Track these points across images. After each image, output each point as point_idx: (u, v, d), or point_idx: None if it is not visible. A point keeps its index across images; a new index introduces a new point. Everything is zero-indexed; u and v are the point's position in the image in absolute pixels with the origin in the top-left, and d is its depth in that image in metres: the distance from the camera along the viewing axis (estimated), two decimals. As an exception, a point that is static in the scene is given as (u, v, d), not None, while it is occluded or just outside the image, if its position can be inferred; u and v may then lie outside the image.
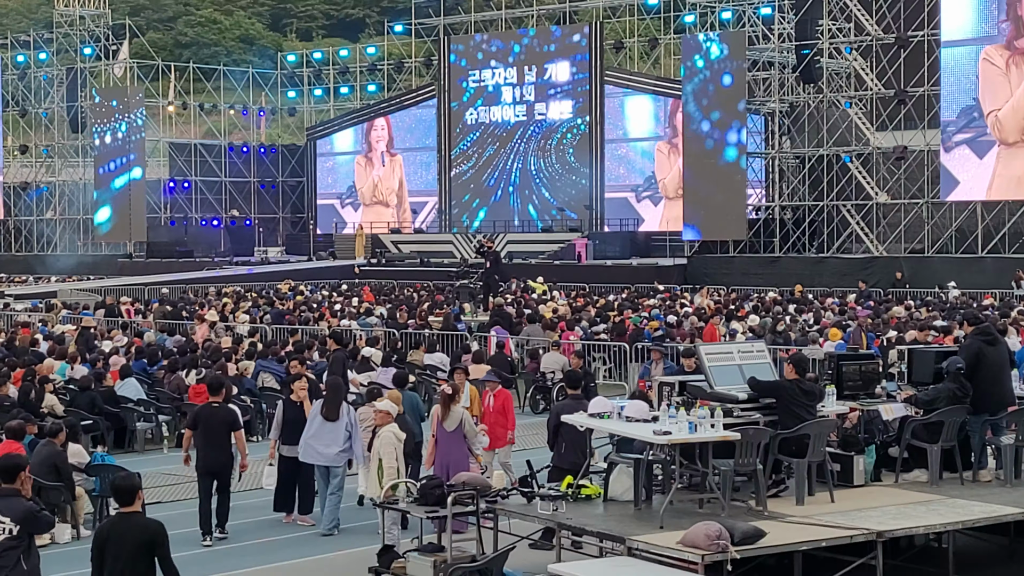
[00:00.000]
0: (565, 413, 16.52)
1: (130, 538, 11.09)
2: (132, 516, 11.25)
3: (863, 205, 56.35)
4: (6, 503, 11.51)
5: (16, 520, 11.43)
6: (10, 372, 24.96)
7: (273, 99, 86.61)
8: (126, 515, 11.27)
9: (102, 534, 11.34)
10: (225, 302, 43.89)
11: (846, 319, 34.23)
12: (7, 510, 11.46)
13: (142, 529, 11.19)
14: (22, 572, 11.42)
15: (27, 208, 79.27)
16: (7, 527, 11.39)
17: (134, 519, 11.25)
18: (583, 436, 16.37)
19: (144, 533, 11.15)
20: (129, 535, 11.10)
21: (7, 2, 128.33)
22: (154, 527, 11.24)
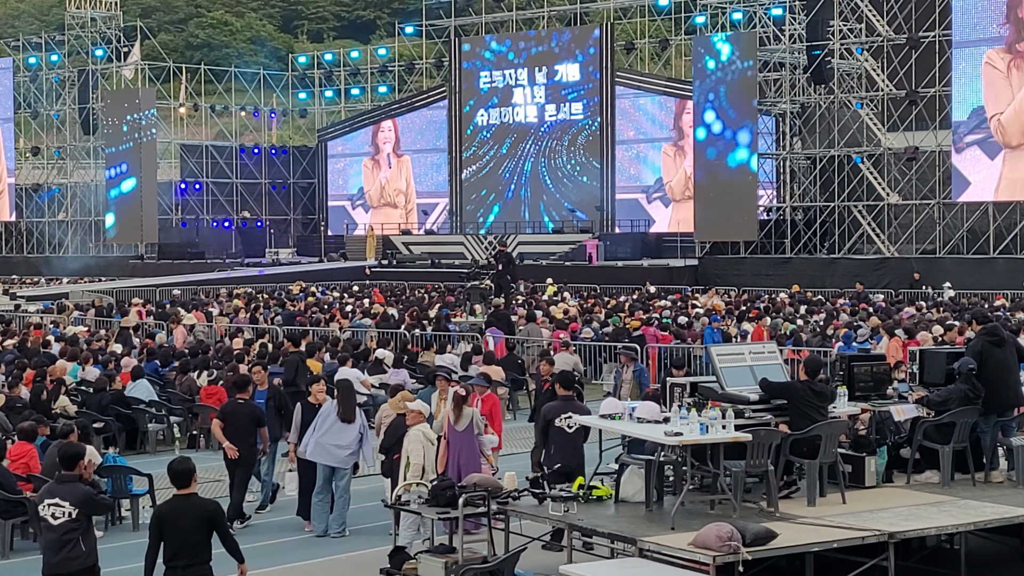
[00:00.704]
0: (553, 414, 16.55)
1: (188, 516, 12.04)
2: (189, 497, 12.19)
3: (874, 206, 56.28)
4: (68, 488, 12.57)
5: (76, 504, 12.46)
6: (22, 373, 25.04)
7: (284, 100, 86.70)
8: (183, 496, 12.19)
9: (161, 514, 12.24)
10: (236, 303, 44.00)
11: (857, 320, 34.18)
12: (68, 495, 12.49)
13: (200, 508, 12.18)
14: (81, 552, 12.45)
15: (39, 210, 79.39)
16: (67, 510, 12.41)
17: (191, 499, 12.20)
18: (572, 438, 16.40)
19: (202, 512, 12.14)
20: (187, 514, 12.05)
21: (19, 4, 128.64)
22: (212, 506, 12.35)
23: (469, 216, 73.66)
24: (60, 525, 12.44)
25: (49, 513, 12.50)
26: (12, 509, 17.38)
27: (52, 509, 12.51)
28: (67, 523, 12.44)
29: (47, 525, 12.52)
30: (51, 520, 12.48)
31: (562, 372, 18.68)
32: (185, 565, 11.97)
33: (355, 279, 61.04)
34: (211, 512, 12.24)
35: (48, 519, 12.50)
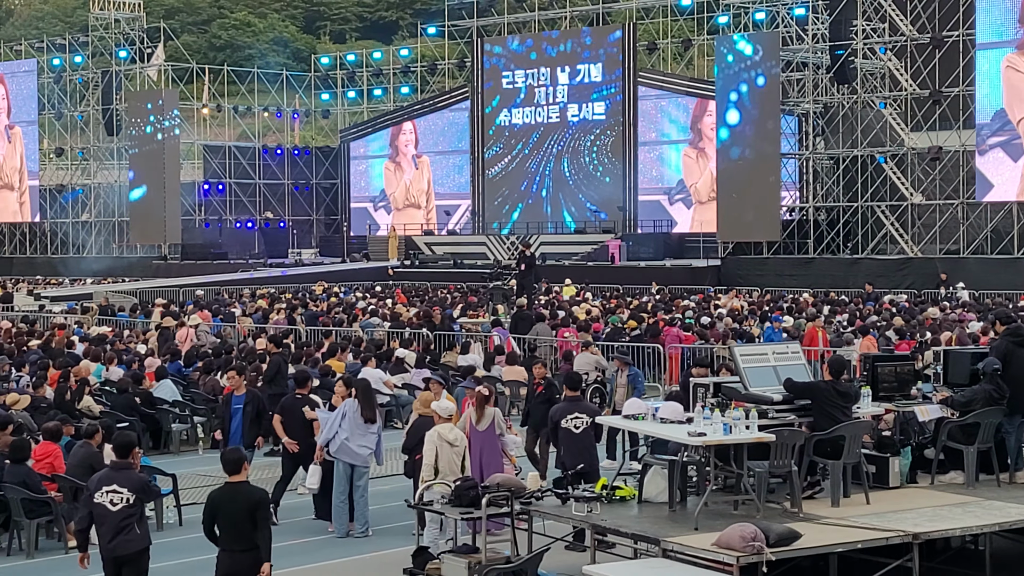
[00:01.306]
0: (559, 415, 16.58)
1: (239, 502, 12.77)
2: (239, 485, 12.91)
3: (898, 206, 56.13)
4: (124, 476, 13.39)
5: (133, 490, 13.28)
6: (46, 374, 25.12)
7: (307, 101, 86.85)
8: (234, 484, 12.93)
9: (214, 500, 13.01)
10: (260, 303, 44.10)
11: (880, 320, 34.11)
12: (125, 482, 13.31)
13: (247, 496, 12.84)
14: (136, 535, 13.24)
15: (62, 210, 79.66)
16: (125, 496, 13.21)
17: (241, 487, 12.90)
18: (580, 438, 16.44)
19: (249, 499, 12.81)
20: (238, 500, 12.79)
21: (43, 6, 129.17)
22: (259, 494, 12.97)
23: (491, 217, 73.65)
24: (119, 511, 13.16)
25: (108, 499, 13.19)
26: (37, 509, 17.45)
27: (110, 495, 13.21)
28: (125, 508, 13.17)
29: (105, 511, 13.17)
30: (109, 506, 13.18)
31: (568, 374, 18.69)
32: (241, 550, 12.70)
33: (378, 280, 61.12)
34: (256, 500, 12.85)
35: (107, 505, 13.18)
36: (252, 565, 12.68)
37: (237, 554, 12.69)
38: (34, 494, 17.39)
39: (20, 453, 17.76)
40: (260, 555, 12.73)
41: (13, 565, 17.07)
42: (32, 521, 17.40)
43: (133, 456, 13.84)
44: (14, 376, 25.84)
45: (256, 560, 12.70)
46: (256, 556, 12.71)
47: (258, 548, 12.72)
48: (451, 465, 16.13)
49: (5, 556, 17.47)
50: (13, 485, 17.40)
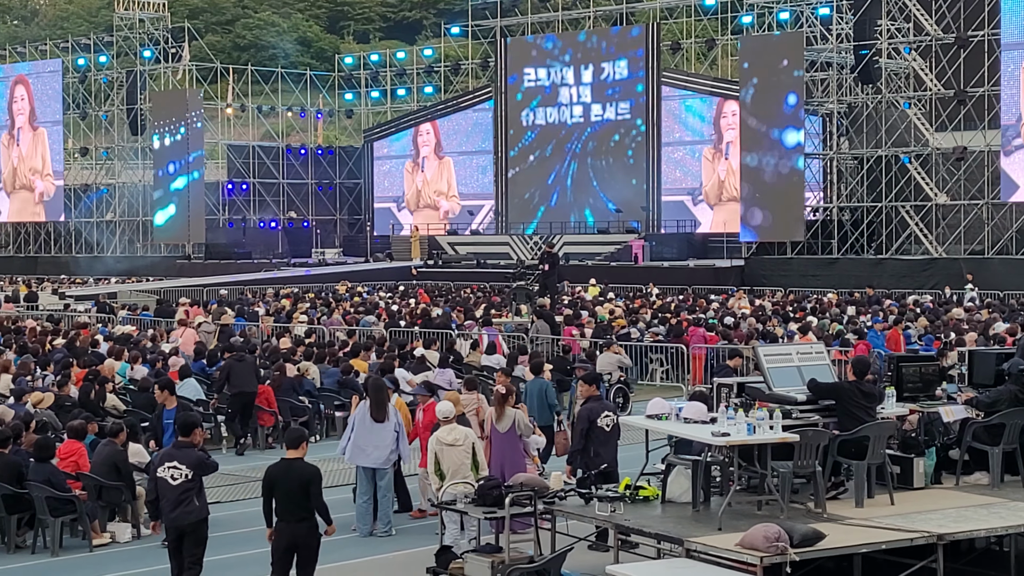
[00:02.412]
0: (594, 414, 16.57)
1: (294, 478, 13.87)
2: (295, 461, 14.03)
3: (922, 206, 55.97)
4: (184, 453, 14.33)
5: (191, 467, 14.22)
6: (71, 372, 25.20)
7: (330, 101, 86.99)
8: (290, 460, 14.07)
9: (272, 474, 14.05)
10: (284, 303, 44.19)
11: (905, 321, 34.02)
12: (184, 459, 14.26)
13: (301, 471, 13.93)
14: (195, 507, 14.24)
15: (87, 210, 79.92)
16: (184, 472, 14.16)
17: (297, 463, 14.00)
18: (611, 436, 16.49)
19: (303, 474, 13.91)
20: (293, 475, 13.87)
21: (68, 6, 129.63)
22: (312, 470, 14.04)
23: (514, 216, 73.66)
24: (178, 485, 14.15)
25: (168, 475, 14.20)
26: (62, 507, 17.50)
27: (171, 471, 14.21)
28: (184, 483, 14.15)
29: (166, 485, 14.18)
30: (170, 481, 14.18)
31: (589, 372, 18.68)
32: (297, 519, 13.85)
33: (401, 279, 61.19)
34: (310, 475, 13.94)
35: (168, 480, 14.18)
36: (308, 533, 13.88)
37: (293, 523, 13.82)
38: (59, 492, 17.45)
39: (45, 452, 17.83)
40: (315, 524, 13.93)
41: (38, 563, 17.14)
42: (57, 519, 17.46)
43: (194, 436, 14.62)
44: (39, 375, 25.91)
45: (311, 528, 13.90)
46: (311, 525, 13.90)
47: (313, 518, 13.89)
48: (456, 465, 16.10)
49: (30, 554, 17.53)
50: (38, 483, 17.46)
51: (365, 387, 19.97)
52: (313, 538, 14.01)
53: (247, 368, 25.41)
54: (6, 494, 17.48)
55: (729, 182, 65.05)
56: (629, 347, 32.20)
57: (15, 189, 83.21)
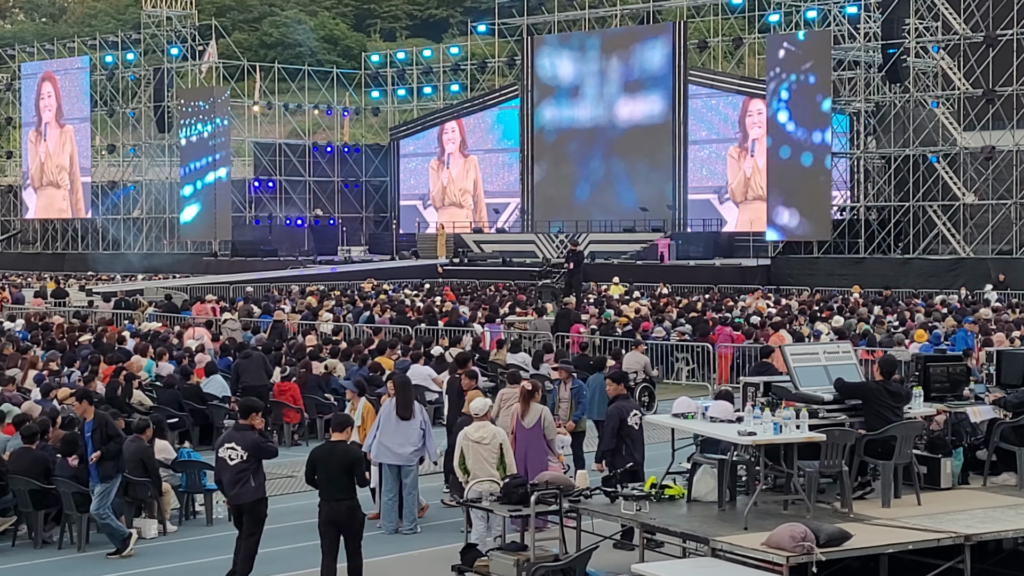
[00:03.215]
0: (624, 413, 16.56)
1: (336, 459, 14.59)
2: (339, 443, 14.83)
3: (950, 206, 55.78)
4: (241, 435, 15.06)
5: (246, 448, 14.92)
6: (97, 368, 25.27)
7: (357, 99, 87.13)
8: (335, 442, 14.86)
9: (316, 455, 14.81)
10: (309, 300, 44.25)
11: (932, 321, 33.90)
12: (241, 440, 14.98)
13: (345, 453, 14.72)
14: (251, 487, 14.95)
15: (114, 207, 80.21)
16: (240, 453, 14.88)
17: (340, 446, 14.80)
18: (641, 434, 16.51)
19: (346, 456, 14.68)
20: (336, 457, 14.61)
21: (96, 3, 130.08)
22: (355, 453, 15.01)
23: (540, 214, 73.65)
24: (235, 465, 14.90)
25: (226, 455, 14.98)
26: (88, 502, 17.54)
27: (228, 452, 14.99)
28: (240, 464, 14.90)
29: (225, 465, 14.99)
30: (228, 461, 14.96)
31: (616, 370, 18.63)
32: (336, 499, 14.53)
33: (427, 277, 61.24)
34: (353, 458, 14.77)
35: (226, 460, 14.97)
36: (348, 512, 14.56)
37: (334, 503, 14.51)
38: (84, 488, 17.49)
39: (72, 447, 17.87)
40: (356, 504, 14.69)
41: (64, 558, 17.19)
42: (83, 515, 17.50)
43: (253, 419, 15.26)
44: (66, 371, 25.99)
45: (352, 508, 14.61)
46: (352, 505, 14.61)
47: (354, 499, 14.63)
48: (480, 463, 16.04)
49: (56, 549, 17.58)
50: (64, 479, 17.51)
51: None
52: (354, 518, 14.67)
53: (255, 364, 25.63)
54: (33, 489, 17.54)
55: (755, 180, 64.89)
56: (654, 347, 32.18)
57: (43, 186, 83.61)
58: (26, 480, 17.54)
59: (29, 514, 17.75)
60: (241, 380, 25.48)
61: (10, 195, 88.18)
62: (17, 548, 17.68)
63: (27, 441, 18.03)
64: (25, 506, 17.71)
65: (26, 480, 17.54)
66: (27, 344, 30.37)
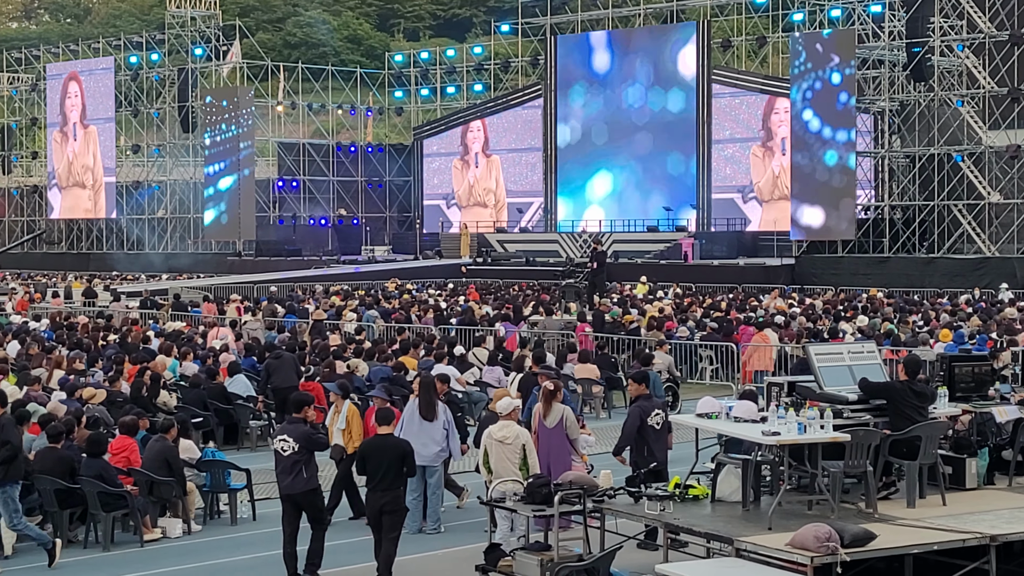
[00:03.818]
0: (646, 413, 16.54)
1: (387, 452, 15.24)
2: (388, 436, 15.53)
3: (975, 205, 55.57)
4: (293, 428, 15.50)
5: (298, 440, 15.32)
6: (122, 368, 25.36)
7: (380, 99, 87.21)
8: (383, 435, 15.53)
9: (366, 449, 15.57)
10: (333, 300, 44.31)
11: (956, 320, 33.80)
12: (293, 433, 15.40)
13: (395, 446, 15.39)
14: (303, 478, 15.38)
15: (139, 207, 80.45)
16: (292, 445, 15.31)
17: (390, 439, 15.50)
18: (662, 434, 16.51)
19: (398, 449, 15.37)
20: (387, 449, 15.28)
21: (120, 4, 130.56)
22: (404, 445, 15.54)
23: (564, 214, 73.65)
24: (288, 456, 15.33)
25: (279, 447, 15.43)
26: (113, 502, 17.61)
27: (281, 443, 15.44)
28: (292, 455, 15.31)
29: (279, 456, 15.43)
30: (281, 452, 15.40)
31: (639, 370, 18.61)
32: (383, 489, 15.12)
33: (450, 277, 61.27)
34: (405, 449, 15.42)
35: (279, 451, 15.42)
36: (393, 502, 15.16)
37: (381, 492, 15.08)
38: (110, 487, 17.56)
39: (97, 447, 17.95)
40: (401, 495, 15.40)
41: (89, 558, 17.25)
42: (108, 514, 17.56)
43: (305, 412, 15.71)
44: (90, 371, 26.08)
45: (397, 498, 15.25)
46: (397, 495, 15.24)
47: (399, 489, 15.32)
48: (503, 463, 16.03)
49: (82, 549, 17.65)
50: (90, 478, 17.57)
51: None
52: (398, 508, 15.30)
53: (285, 365, 25.70)
54: (59, 489, 17.61)
55: (783, 180, 64.76)
56: (678, 346, 32.15)
57: (68, 186, 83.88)
58: (51, 479, 17.61)
59: (55, 513, 17.82)
60: (271, 381, 25.57)
61: (35, 195, 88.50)
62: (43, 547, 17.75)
63: (52, 441, 18.10)
64: (51, 505, 17.78)
65: (51, 479, 17.61)
66: (52, 344, 30.49)
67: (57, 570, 16.68)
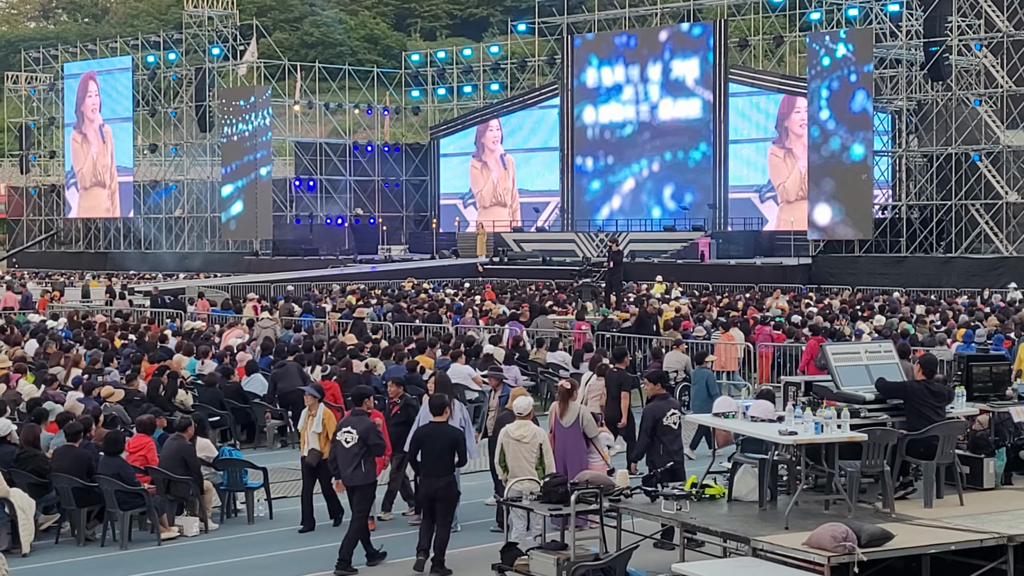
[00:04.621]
0: (660, 412, 16.53)
1: (441, 439, 15.85)
2: (441, 424, 16.00)
3: (992, 204, 55.44)
4: (356, 420, 16.27)
5: (360, 433, 16.04)
6: (139, 367, 25.41)
7: (397, 98, 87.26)
8: (436, 423, 16.04)
9: (419, 435, 16.13)
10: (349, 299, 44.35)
11: (974, 320, 33.71)
12: (356, 425, 16.15)
13: (448, 433, 15.99)
14: (362, 471, 16.12)
15: (156, 206, 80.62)
16: (354, 436, 16.02)
17: (443, 426, 15.99)
18: (679, 434, 16.49)
19: (450, 436, 15.95)
20: (440, 437, 15.85)
21: (138, 3, 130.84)
22: (457, 433, 16.13)
23: (580, 214, 73.64)
24: (350, 448, 16.06)
25: (343, 438, 16.15)
26: (131, 500, 17.64)
27: (345, 435, 16.16)
28: (354, 447, 16.04)
29: (341, 448, 16.16)
30: (344, 444, 16.13)
31: (656, 370, 18.59)
32: (437, 475, 15.74)
33: (467, 276, 61.27)
34: (455, 437, 15.99)
35: (342, 443, 16.14)
36: (447, 488, 15.80)
37: (434, 479, 15.70)
38: (128, 486, 17.59)
39: (114, 445, 17.99)
40: (454, 480, 15.99)
41: (107, 556, 17.29)
42: (125, 513, 17.60)
43: (365, 404, 16.55)
44: (107, 370, 26.13)
45: (450, 484, 15.88)
46: (450, 481, 15.87)
47: (452, 475, 15.91)
48: (519, 462, 15.98)
49: (99, 547, 17.69)
50: (107, 477, 17.61)
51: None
52: (451, 493, 15.94)
53: (290, 372, 25.73)
54: (76, 487, 17.66)
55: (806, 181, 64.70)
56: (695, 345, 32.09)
57: (90, 186, 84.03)
58: (69, 478, 17.66)
59: (72, 512, 17.87)
60: (278, 388, 25.62)
61: (53, 194, 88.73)
62: (61, 545, 17.81)
63: (70, 439, 18.16)
64: (68, 504, 17.83)
65: (69, 478, 17.66)
66: (70, 343, 30.56)
67: (75, 568, 16.74)
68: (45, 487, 17.93)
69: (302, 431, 18.46)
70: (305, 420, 18.44)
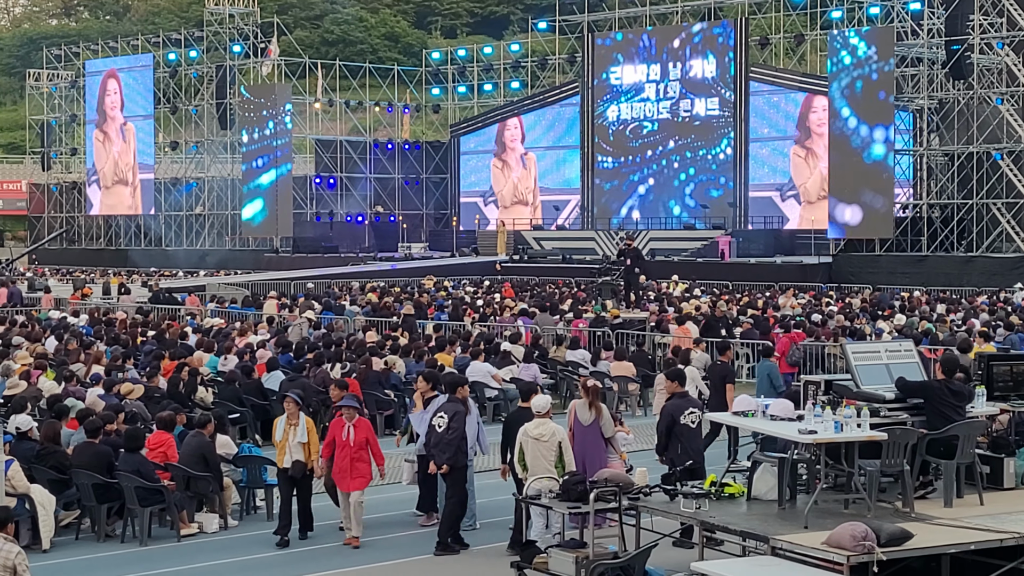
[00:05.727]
0: (677, 411, 16.50)
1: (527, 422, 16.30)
2: (528, 410, 16.52)
3: (1014, 203, 55.24)
4: (451, 405, 17.11)
5: (449, 417, 16.89)
6: (160, 364, 25.47)
7: (418, 96, 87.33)
8: (524, 408, 16.99)
9: (511, 420, 17.36)
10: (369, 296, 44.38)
11: (995, 319, 33.61)
12: (449, 409, 17.03)
13: None
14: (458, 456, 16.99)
15: (176, 203, 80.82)
16: (447, 420, 16.88)
17: (529, 412, 16.41)
18: (697, 434, 16.46)
19: None
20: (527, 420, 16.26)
21: (159, 1, 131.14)
22: None
23: (600, 212, 73.63)
24: (442, 432, 16.89)
25: (436, 423, 16.98)
26: (151, 497, 17.68)
27: (438, 420, 17.00)
28: (445, 432, 16.90)
29: (434, 431, 16.99)
30: (437, 428, 16.95)
31: (675, 368, 18.55)
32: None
33: (486, 274, 61.30)
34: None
35: (435, 427, 16.97)
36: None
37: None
38: (147, 482, 17.63)
39: (135, 442, 18.03)
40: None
41: (126, 552, 17.33)
42: (145, 509, 17.64)
43: (460, 392, 17.34)
44: (127, 367, 26.20)
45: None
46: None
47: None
48: (538, 460, 15.95)
49: (119, 543, 17.73)
50: (127, 473, 17.65)
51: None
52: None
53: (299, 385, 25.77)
54: (96, 483, 17.71)
55: (819, 180, 64.58)
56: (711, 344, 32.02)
57: (113, 183, 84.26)
58: (89, 474, 17.71)
59: (92, 508, 17.92)
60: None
61: (74, 191, 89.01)
62: (81, 541, 17.86)
63: (91, 436, 18.21)
64: (88, 500, 17.88)
65: (89, 474, 17.71)
66: (91, 339, 30.65)
67: (95, 565, 16.78)
68: (65, 483, 17.98)
69: (280, 442, 17.71)
70: (285, 430, 17.69)
